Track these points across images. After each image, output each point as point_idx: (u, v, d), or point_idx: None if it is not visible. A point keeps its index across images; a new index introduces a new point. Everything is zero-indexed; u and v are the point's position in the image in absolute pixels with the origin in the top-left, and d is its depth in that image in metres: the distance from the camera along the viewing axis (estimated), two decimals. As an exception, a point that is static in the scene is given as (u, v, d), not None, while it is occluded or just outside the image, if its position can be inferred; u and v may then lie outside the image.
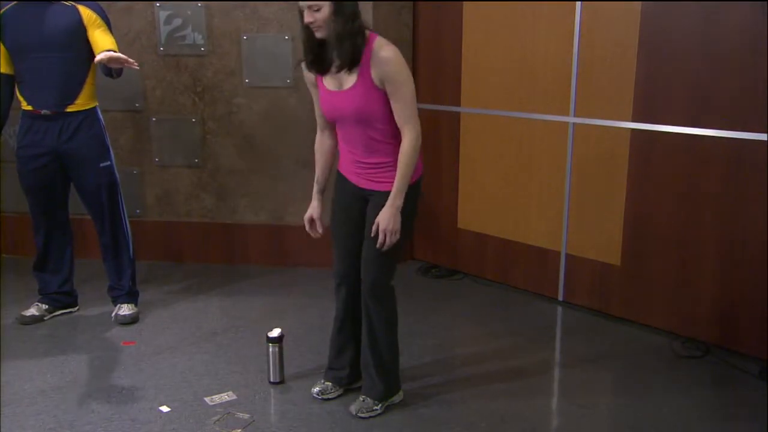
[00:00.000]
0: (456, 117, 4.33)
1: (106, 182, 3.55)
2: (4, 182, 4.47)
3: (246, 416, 2.80)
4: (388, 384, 2.83)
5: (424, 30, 4.43)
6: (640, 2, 3.42)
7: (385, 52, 2.47)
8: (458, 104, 4.30)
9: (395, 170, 2.57)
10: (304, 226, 2.85)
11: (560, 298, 4.01)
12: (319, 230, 2.82)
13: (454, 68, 4.28)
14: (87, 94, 3.45)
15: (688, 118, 3.36)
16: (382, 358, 2.79)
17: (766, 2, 3.02)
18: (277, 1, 4.24)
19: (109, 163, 3.56)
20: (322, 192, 2.82)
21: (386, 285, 2.73)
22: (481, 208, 4.30)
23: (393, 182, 2.58)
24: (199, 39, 4.34)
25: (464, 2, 4.16)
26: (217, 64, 4.37)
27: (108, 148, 3.57)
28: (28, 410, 2.83)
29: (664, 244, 3.52)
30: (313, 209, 2.81)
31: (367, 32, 2.50)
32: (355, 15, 2.45)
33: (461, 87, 4.26)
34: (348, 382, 2.94)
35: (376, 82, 2.48)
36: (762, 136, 3.12)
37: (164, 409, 2.85)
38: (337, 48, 2.45)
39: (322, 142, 2.81)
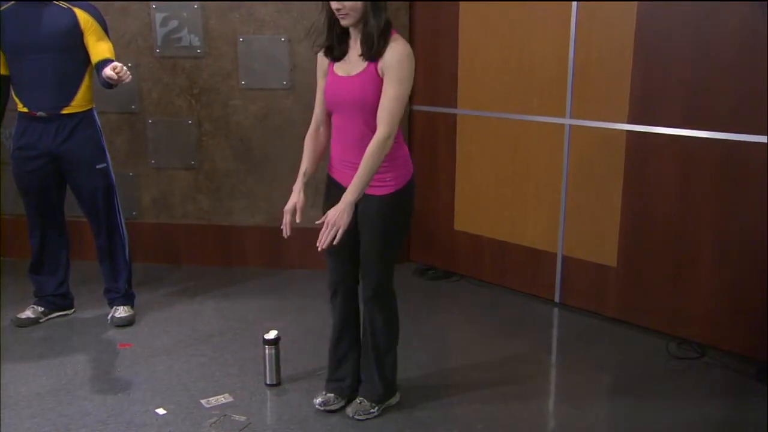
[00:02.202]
0: (452, 119, 4.33)
1: (102, 184, 3.55)
2: (4, 184, 4.45)
3: (242, 418, 2.79)
4: (387, 386, 2.82)
5: (421, 31, 4.43)
6: (635, 3, 3.43)
7: (398, 46, 2.47)
8: (455, 106, 4.30)
9: (389, 173, 2.56)
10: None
11: (556, 299, 4.01)
12: (298, 220, 2.65)
13: (451, 70, 4.28)
14: (83, 96, 3.44)
15: (684, 120, 3.36)
16: (383, 362, 2.78)
17: (765, 2, 3.03)
18: (273, 1, 4.24)
19: (105, 165, 3.56)
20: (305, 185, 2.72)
21: (388, 288, 2.72)
22: (477, 210, 4.30)
23: (387, 185, 2.57)
24: (196, 41, 4.34)
25: (460, 3, 4.16)
26: (214, 66, 4.37)
27: (104, 150, 3.56)
28: (24, 413, 2.82)
29: (660, 245, 3.52)
30: (300, 201, 2.65)
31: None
32: (386, 9, 2.49)
33: (458, 88, 4.27)
34: (351, 392, 2.88)
35: (380, 72, 2.48)
36: (757, 138, 3.13)
37: (160, 411, 2.84)
38: (369, 40, 2.45)
39: (315, 137, 2.74)
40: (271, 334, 3.03)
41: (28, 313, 3.67)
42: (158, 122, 4.48)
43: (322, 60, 2.65)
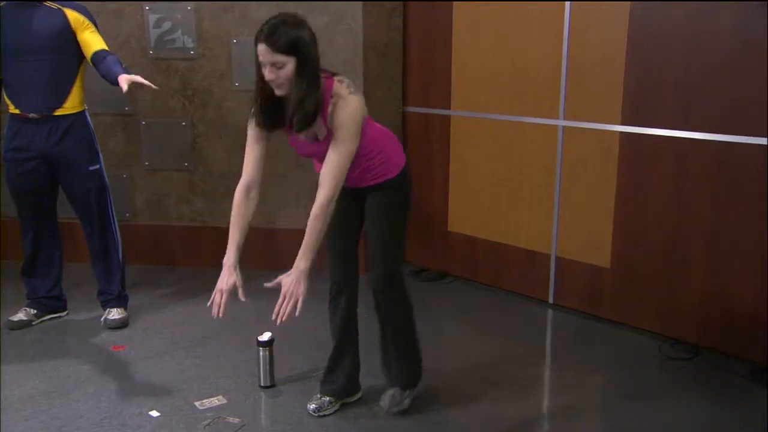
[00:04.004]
0: (446, 120, 4.33)
1: (95, 186, 3.54)
2: (4, 186, 4.42)
3: (236, 420, 2.79)
4: (414, 372, 2.84)
5: (415, 32, 4.44)
6: (628, 3, 3.44)
7: (346, 104, 2.34)
8: (449, 107, 4.31)
9: (389, 162, 2.57)
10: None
11: (550, 300, 4.02)
12: (242, 298, 2.52)
13: (445, 71, 4.28)
14: (75, 97, 3.43)
15: (677, 121, 3.37)
16: (410, 350, 2.80)
17: (765, 2, 3.03)
18: (267, 1, 4.23)
19: (98, 166, 3.55)
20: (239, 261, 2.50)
21: (400, 276, 2.70)
22: (471, 211, 4.30)
23: (387, 174, 2.57)
24: (189, 42, 4.33)
25: (454, 3, 4.16)
26: (207, 68, 4.36)
27: (97, 152, 3.55)
28: (17, 416, 2.81)
29: (654, 246, 3.53)
30: (238, 278, 2.51)
31: (324, 78, 2.37)
32: (316, 70, 2.33)
33: (451, 90, 4.27)
34: (346, 395, 2.88)
35: (331, 129, 2.39)
36: (750, 139, 3.14)
37: (154, 413, 2.84)
38: (299, 110, 2.32)
39: (246, 205, 2.55)
40: (265, 336, 3.03)
41: (20, 316, 3.66)
42: (152, 124, 4.47)
43: (253, 128, 2.52)
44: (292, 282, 2.39)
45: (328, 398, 2.85)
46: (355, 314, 2.82)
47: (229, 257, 2.52)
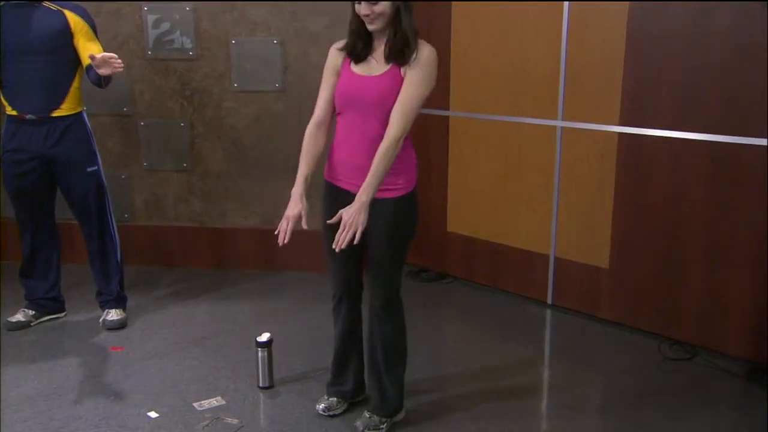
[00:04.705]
0: (445, 120, 4.33)
1: (93, 187, 3.53)
2: (3, 187, 4.42)
3: (235, 421, 2.79)
4: (397, 398, 2.75)
5: (413, 34, 4.43)
6: (626, 3, 3.44)
7: (424, 48, 2.46)
8: (447, 108, 4.31)
9: (401, 176, 2.53)
10: (294, 230, 2.72)
11: (549, 301, 4.02)
12: (305, 226, 2.54)
13: (443, 72, 4.25)
14: (73, 98, 3.43)
15: (675, 122, 3.38)
16: (394, 374, 2.71)
17: (766, 2, 3.03)
18: (265, 1, 4.23)
19: (96, 167, 3.54)
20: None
21: (398, 297, 2.66)
22: (470, 212, 4.30)
23: (398, 188, 2.54)
24: (188, 43, 4.33)
25: (453, 3, 4.16)
26: (206, 68, 4.36)
27: (95, 153, 3.55)
28: (14, 417, 2.80)
29: (652, 247, 3.53)
30: (303, 207, 2.54)
31: None
32: (412, 9, 2.47)
33: (450, 90, 4.27)
34: (352, 395, 2.87)
35: (403, 72, 2.44)
36: (748, 140, 3.14)
37: (152, 414, 2.83)
38: (400, 44, 2.43)
39: (316, 136, 2.60)
40: (264, 337, 3.03)
41: (18, 317, 3.66)
42: (150, 124, 4.46)
43: (335, 56, 2.57)
44: (353, 213, 2.38)
45: (336, 399, 2.85)
46: (358, 317, 2.80)
47: (297, 187, 2.58)
